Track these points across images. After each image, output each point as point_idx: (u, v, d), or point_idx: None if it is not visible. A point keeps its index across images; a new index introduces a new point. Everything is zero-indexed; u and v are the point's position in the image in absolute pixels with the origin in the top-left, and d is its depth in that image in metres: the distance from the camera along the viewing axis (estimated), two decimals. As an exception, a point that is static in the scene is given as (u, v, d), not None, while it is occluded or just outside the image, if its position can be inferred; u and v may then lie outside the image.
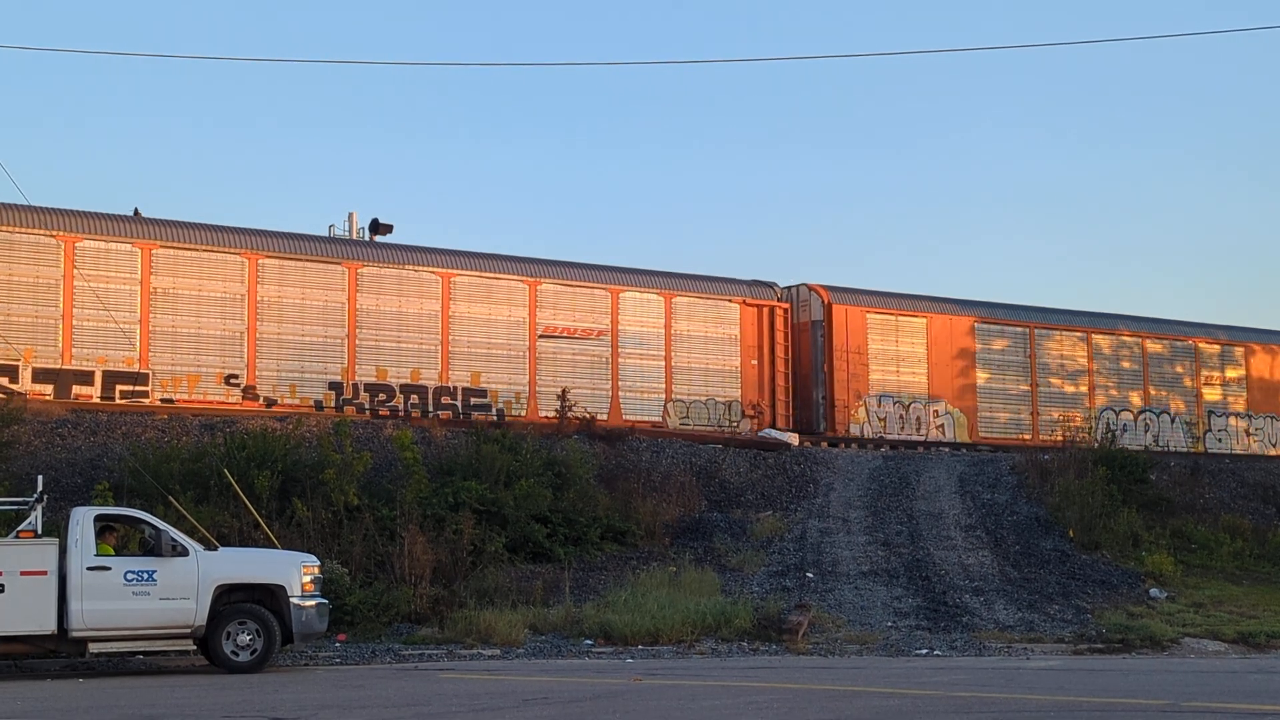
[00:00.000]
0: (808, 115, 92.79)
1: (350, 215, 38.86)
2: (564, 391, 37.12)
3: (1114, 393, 46.86)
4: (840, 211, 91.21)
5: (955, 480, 37.32)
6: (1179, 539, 35.10)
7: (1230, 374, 49.17)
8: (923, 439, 42.30)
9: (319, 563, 21.83)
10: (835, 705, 15.56)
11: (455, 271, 36.89)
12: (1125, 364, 47.23)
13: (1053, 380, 45.64)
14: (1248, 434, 48.83)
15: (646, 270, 40.29)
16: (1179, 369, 48.33)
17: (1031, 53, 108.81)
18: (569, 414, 36.35)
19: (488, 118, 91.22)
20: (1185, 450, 45.55)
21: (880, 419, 42.22)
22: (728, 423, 39.41)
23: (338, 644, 23.97)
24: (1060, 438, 42.74)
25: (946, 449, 42.23)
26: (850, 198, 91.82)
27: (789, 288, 42.42)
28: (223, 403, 33.14)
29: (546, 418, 36.19)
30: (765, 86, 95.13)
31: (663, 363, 39.38)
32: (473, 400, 36.57)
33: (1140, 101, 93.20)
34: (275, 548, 23.00)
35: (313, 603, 20.81)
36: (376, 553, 27.04)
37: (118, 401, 32.19)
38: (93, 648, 19.92)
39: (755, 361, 40.69)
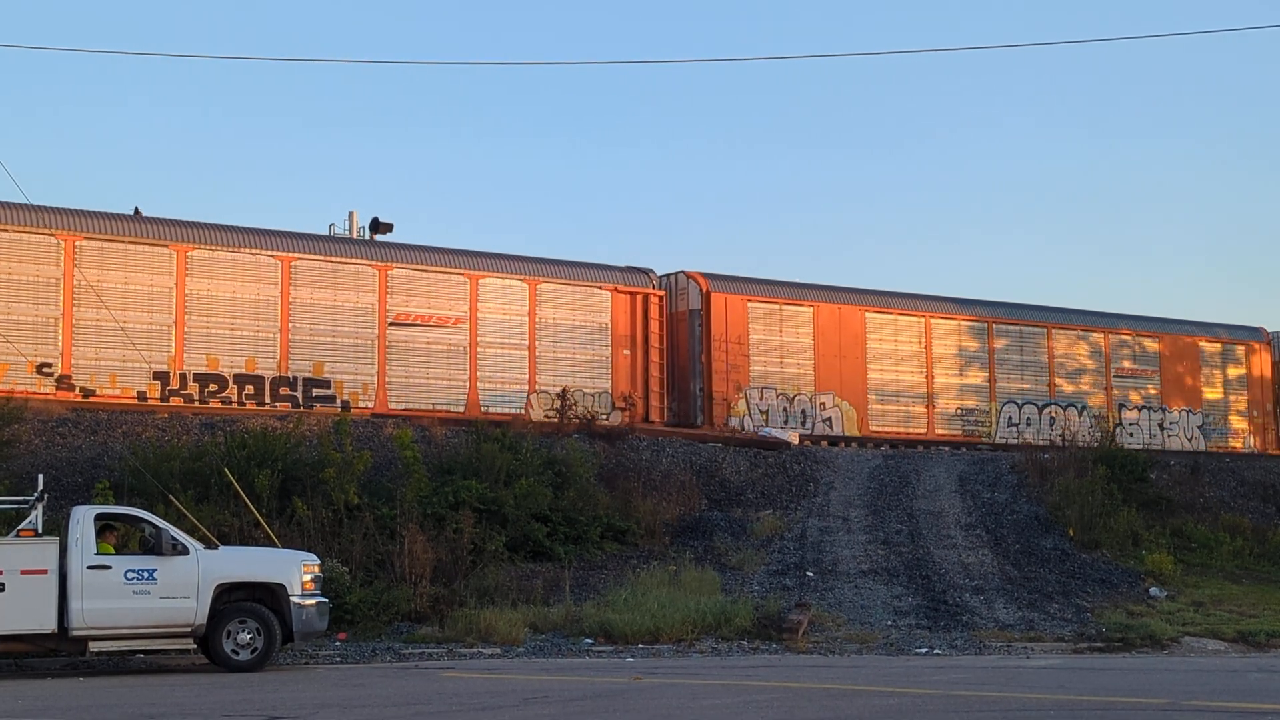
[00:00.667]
0: (777, 113, 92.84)
1: (350, 214, 38.80)
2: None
3: (1017, 385, 45.04)
4: (820, 208, 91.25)
5: (955, 479, 37.32)
6: (1179, 538, 35.11)
7: (1142, 366, 47.60)
8: (808, 432, 40.52)
9: (319, 561, 21.84)
10: (835, 704, 15.58)
11: (296, 255, 34.78)
12: (1029, 355, 45.48)
13: (951, 372, 43.89)
14: (1161, 428, 47.17)
15: (510, 255, 38.32)
16: (1088, 361, 46.69)
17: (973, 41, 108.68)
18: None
19: (486, 116, 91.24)
20: (1093, 445, 43.62)
21: (762, 412, 40.42)
22: (597, 414, 37.39)
23: (338, 643, 23.98)
24: (961, 433, 42.86)
25: (841, 444, 40.63)
26: (825, 195, 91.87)
27: (667, 275, 40.74)
28: (32, 393, 30.82)
29: (395, 410, 34.72)
30: (732, 84, 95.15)
31: (526, 352, 37.41)
32: (315, 391, 34.49)
33: (1121, 92, 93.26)
34: (275, 546, 23.01)
35: (313, 601, 20.81)
36: (377, 551, 27.04)
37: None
38: (93, 646, 19.92)
39: (628, 352, 38.93)
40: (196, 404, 33.03)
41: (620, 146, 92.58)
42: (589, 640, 24.92)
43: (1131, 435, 45.90)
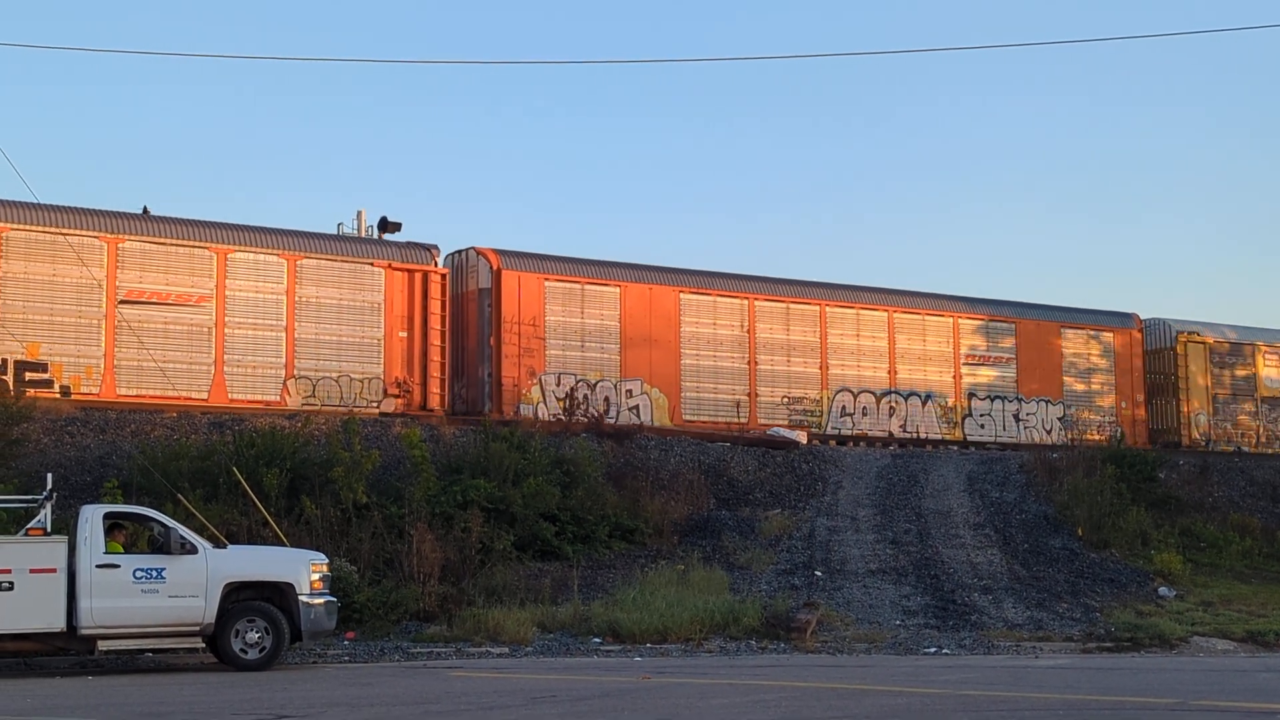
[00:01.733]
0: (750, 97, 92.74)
1: (359, 213, 38.79)
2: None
3: (853, 371, 42.04)
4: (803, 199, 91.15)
5: (964, 479, 37.30)
6: (1188, 538, 35.07)
7: (996, 353, 44.67)
8: (612, 422, 37.39)
9: (327, 561, 21.83)
10: (843, 703, 15.57)
11: (7, 226, 31.74)
12: (868, 340, 42.42)
13: (777, 358, 40.90)
14: (1017, 419, 44.44)
15: (266, 229, 35.09)
16: (935, 346, 43.60)
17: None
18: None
19: (496, 111, 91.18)
20: (939, 438, 42.43)
21: (559, 399, 37.58)
22: (365, 401, 34.83)
23: (346, 642, 23.99)
24: (787, 424, 39.81)
25: (652, 435, 37.73)
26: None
27: (456, 252, 38.30)
28: None
29: (126, 397, 32.05)
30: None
31: (283, 334, 34.33)
32: (28, 375, 31.48)
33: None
34: (284, 546, 23.03)
35: (321, 601, 20.82)
36: (385, 551, 27.04)
37: None
38: (102, 645, 19.92)
39: (405, 334, 35.94)
40: None
41: (622, 140, 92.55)
42: (597, 639, 24.91)
43: (983, 426, 43.80)
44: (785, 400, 40.84)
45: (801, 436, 39.28)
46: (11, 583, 19.23)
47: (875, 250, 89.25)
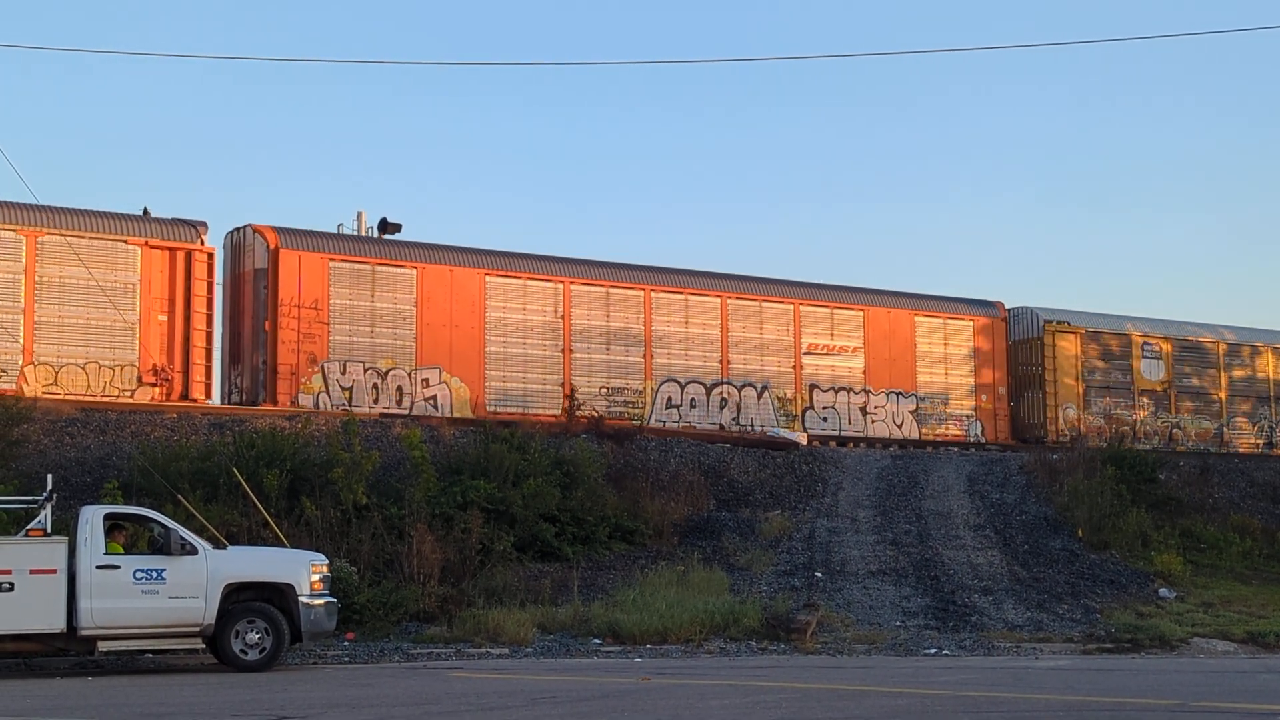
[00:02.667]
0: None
1: (359, 215, 38.82)
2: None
3: (681, 360, 39.52)
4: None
5: (964, 480, 37.30)
6: (1188, 539, 35.08)
7: (841, 342, 42.04)
8: (405, 412, 35.43)
9: (327, 561, 21.83)
10: (844, 705, 15.57)
11: None
12: (697, 327, 39.78)
13: (596, 346, 38.51)
14: (864, 412, 41.90)
15: (2, 202, 32.53)
16: (774, 335, 40.94)
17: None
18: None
19: (495, 112, 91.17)
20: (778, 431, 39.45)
21: (344, 389, 35.16)
22: (117, 390, 32.56)
23: (346, 643, 23.98)
24: (594, 413, 36.95)
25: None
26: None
27: (234, 230, 35.73)
28: None
29: None
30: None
31: (21, 317, 31.95)
32: None
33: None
34: (284, 546, 23.02)
35: (321, 601, 20.81)
36: (385, 551, 27.04)
37: None
38: (102, 646, 19.91)
39: (165, 317, 33.36)
40: None
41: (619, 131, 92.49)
42: (597, 640, 24.91)
43: (825, 420, 41.27)
44: (604, 391, 38.37)
45: (802, 438, 39.27)
46: (12, 583, 19.21)
47: (871, 249, 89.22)
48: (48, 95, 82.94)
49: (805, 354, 41.50)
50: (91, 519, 20.10)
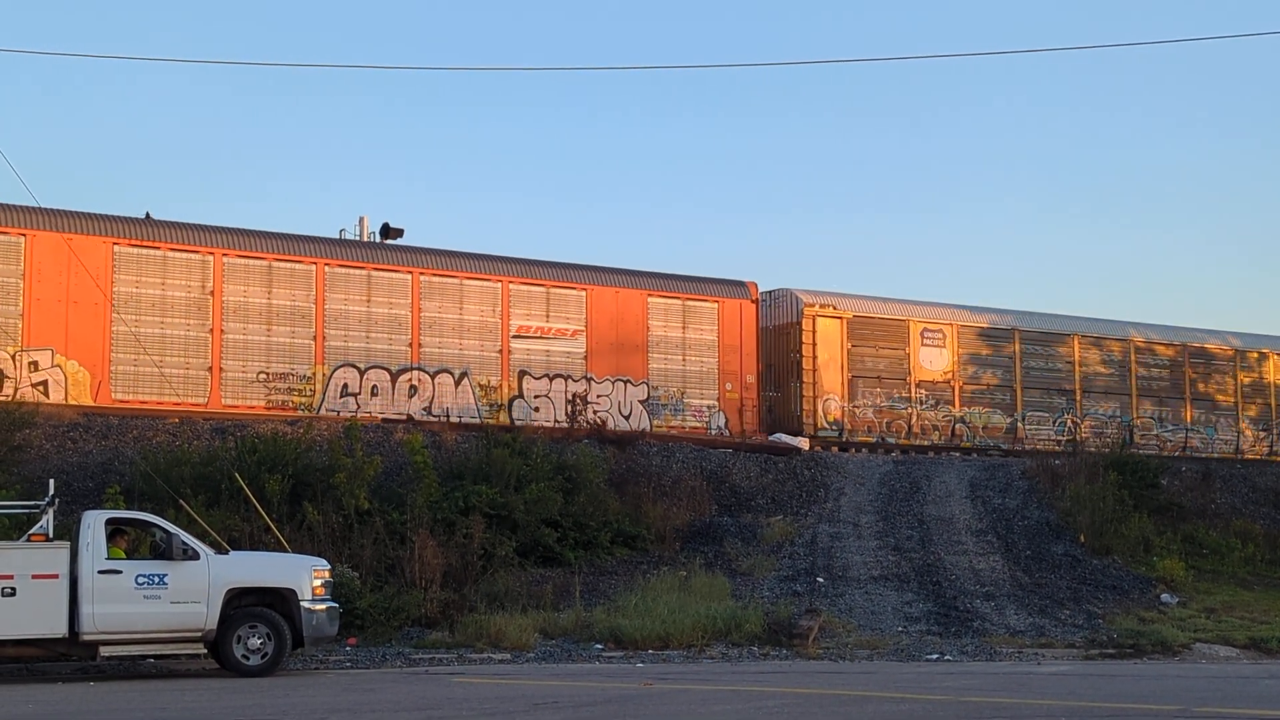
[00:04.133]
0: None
1: (361, 219, 38.82)
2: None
3: (361, 343, 35.29)
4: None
5: (966, 485, 37.28)
6: (1190, 544, 35.07)
7: (559, 324, 37.98)
8: (6, 398, 30.45)
9: (329, 566, 21.84)
10: (846, 710, 15.56)
11: None
12: (384, 306, 35.72)
13: (252, 325, 34.03)
14: (585, 401, 37.83)
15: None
16: (477, 316, 36.96)
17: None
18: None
19: (502, 115, 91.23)
20: (478, 421, 35.63)
21: None
22: None
23: (348, 648, 23.98)
24: (264, 405, 33.69)
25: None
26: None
27: None
28: None
29: None
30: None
31: None
32: None
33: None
34: (286, 551, 23.01)
35: (323, 606, 20.82)
36: (387, 556, 27.04)
37: None
38: (104, 651, 19.92)
39: None
40: None
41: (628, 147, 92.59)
42: (599, 646, 24.91)
43: (537, 410, 37.15)
44: (263, 376, 34.02)
45: (804, 443, 39.26)
46: (14, 588, 19.23)
47: (865, 257, 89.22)
48: (45, 98, 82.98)
49: (514, 337, 37.44)
50: (94, 524, 20.12)
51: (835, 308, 41.42)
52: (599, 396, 38.10)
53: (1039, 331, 44.93)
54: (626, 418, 38.23)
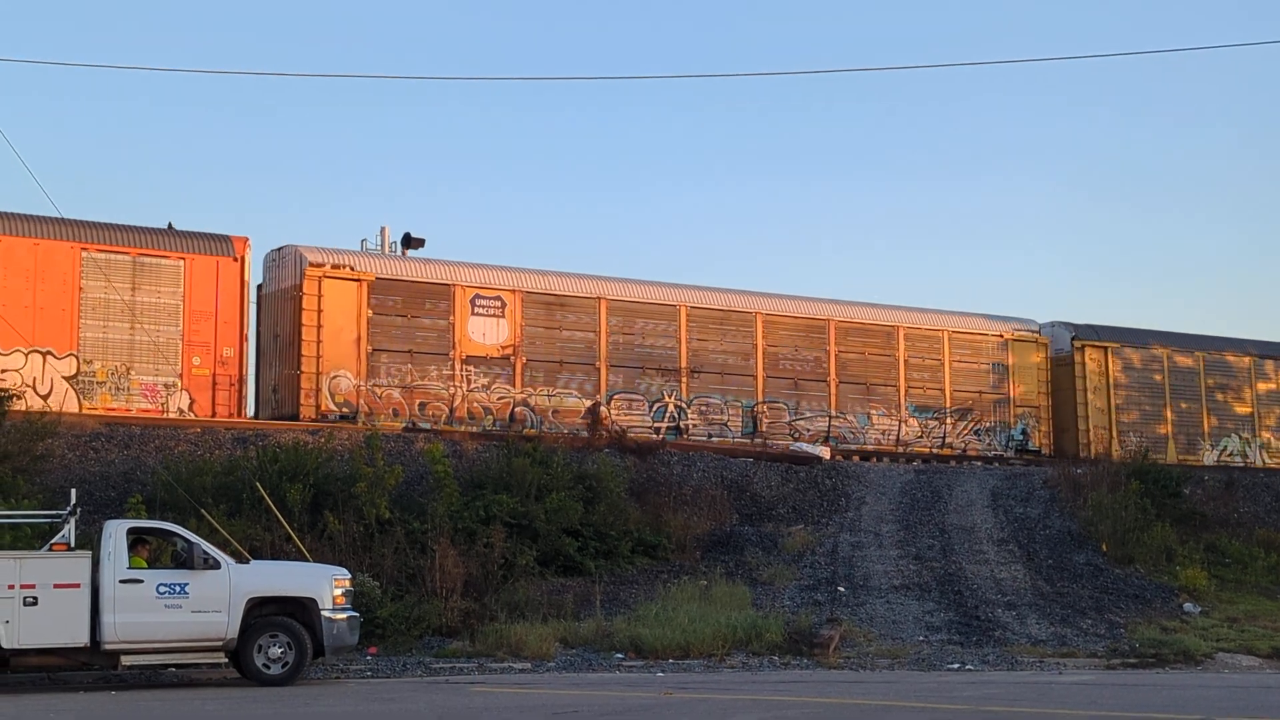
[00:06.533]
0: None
1: (382, 229, 38.82)
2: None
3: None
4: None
5: (988, 494, 37.20)
6: (1213, 553, 34.92)
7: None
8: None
9: (350, 576, 21.87)
10: (867, 719, 15.54)
11: None
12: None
13: None
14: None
15: None
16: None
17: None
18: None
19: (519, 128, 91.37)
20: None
21: None
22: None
23: (369, 657, 24.01)
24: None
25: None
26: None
27: None
28: None
29: None
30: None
31: None
32: None
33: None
34: (307, 561, 23.07)
35: (344, 616, 20.84)
36: (408, 566, 27.08)
37: None
38: (125, 660, 19.96)
39: None
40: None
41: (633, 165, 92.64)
42: (619, 655, 24.90)
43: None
44: None
45: (824, 452, 39.23)
46: (36, 598, 19.29)
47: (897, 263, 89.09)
48: (73, 108, 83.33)
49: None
50: (115, 533, 20.18)
51: (353, 268, 35.11)
52: (4, 371, 31.35)
53: (629, 301, 38.70)
54: (45, 397, 31.67)
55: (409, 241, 38.65)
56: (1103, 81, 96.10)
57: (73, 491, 21.30)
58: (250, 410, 34.89)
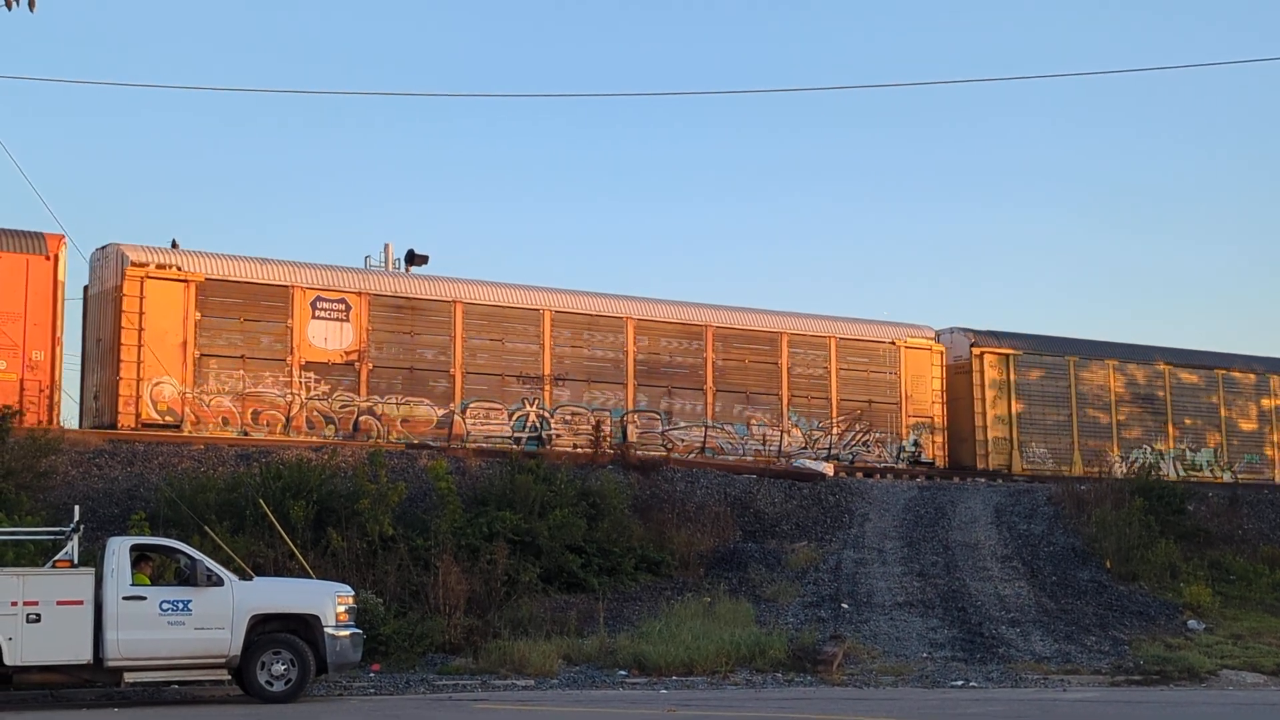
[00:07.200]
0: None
1: (386, 246, 38.89)
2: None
3: None
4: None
5: (991, 511, 37.15)
6: (1217, 570, 34.85)
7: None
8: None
9: (353, 593, 21.86)
10: (869, 736, 15.54)
11: None
12: None
13: None
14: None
15: None
16: None
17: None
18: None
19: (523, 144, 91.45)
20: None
21: None
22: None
23: (372, 674, 23.99)
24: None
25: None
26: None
27: None
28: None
29: None
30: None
31: None
32: None
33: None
34: (310, 577, 23.06)
35: (347, 633, 20.83)
36: (411, 583, 27.07)
37: None
38: (128, 677, 19.93)
39: None
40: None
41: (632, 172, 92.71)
42: (623, 672, 24.87)
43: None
44: None
45: (829, 469, 39.18)
46: (39, 614, 19.29)
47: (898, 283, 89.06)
48: (76, 128, 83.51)
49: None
50: (118, 550, 20.18)
51: (179, 268, 33.12)
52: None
53: (488, 304, 36.97)
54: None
55: (412, 259, 38.71)
56: (1101, 100, 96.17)
57: (76, 508, 21.29)
58: (68, 419, 33.23)
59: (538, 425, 36.83)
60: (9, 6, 13.28)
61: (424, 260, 38.72)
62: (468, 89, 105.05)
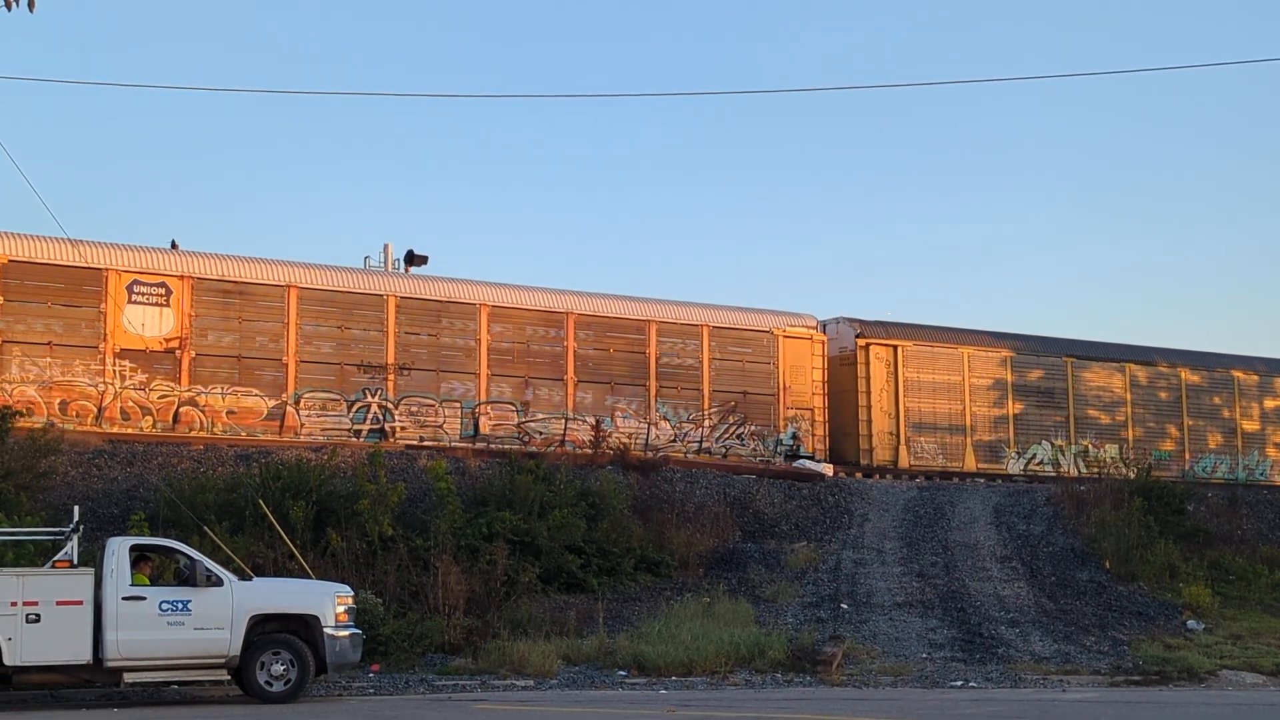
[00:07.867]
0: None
1: (385, 247, 38.87)
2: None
3: None
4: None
5: (991, 511, 37.15)
6: (1216, 570, 34.84)
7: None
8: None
9: (353, 593, 21.86)
10: (869, 737, 15.54)
11: None
12: None
13: None
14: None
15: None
16: None
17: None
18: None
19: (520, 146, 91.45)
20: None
21: None
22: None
23: (371, 674, 23.99)
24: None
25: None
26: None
27: None
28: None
29: None
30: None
31: None
32: None
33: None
34: (309, 578, 23.05)
35: (346, 633, 20.83)
36: (410, 583, 27.07)
37: None
38: (128, 677, 19.94)
39: None
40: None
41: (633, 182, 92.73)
42: (622, 672, 24.86)
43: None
44: None
45: (828, 469, 39.17)
46: (38, 615, 19.29)
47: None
48: (71, 128, 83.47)
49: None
50: (118, 550, 20.18)
51: None
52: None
53: (325, 289, 35.08)
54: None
55: (411, 259, 38.69)
56: (1094, 100, 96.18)
57: (75, 508, 21.28)
58: None
59: (380, 417, 35.05)
60: (9, 7, 13.29)
61: (424, 260, 38.71)
62: (467, 89, 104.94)
